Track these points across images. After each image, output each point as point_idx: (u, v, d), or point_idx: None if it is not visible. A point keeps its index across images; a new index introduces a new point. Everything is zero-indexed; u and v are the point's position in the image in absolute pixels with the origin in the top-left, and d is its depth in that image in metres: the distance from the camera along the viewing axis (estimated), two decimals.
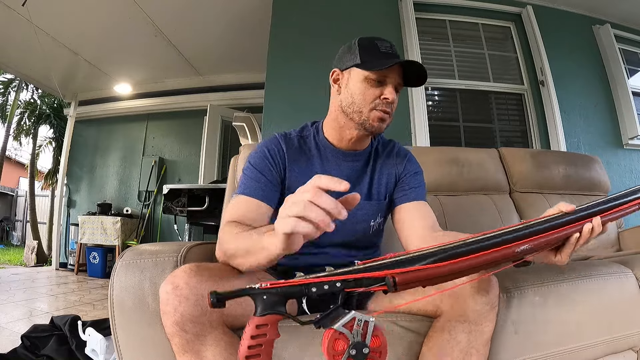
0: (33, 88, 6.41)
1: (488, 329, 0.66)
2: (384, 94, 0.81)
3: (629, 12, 2.69)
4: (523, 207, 1.63)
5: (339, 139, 0.89)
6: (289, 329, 0.70)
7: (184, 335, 0.59)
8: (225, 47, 3.49)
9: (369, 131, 0.84)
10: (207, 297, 0.54)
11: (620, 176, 2.36)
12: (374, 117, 0.82)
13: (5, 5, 2.78)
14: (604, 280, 0.89)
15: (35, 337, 1.54)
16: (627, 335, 0.88)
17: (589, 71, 2.55)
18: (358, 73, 0.83)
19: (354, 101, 0.83)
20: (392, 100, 0.81)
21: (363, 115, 0.82)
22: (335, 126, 0.88)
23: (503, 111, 2.48)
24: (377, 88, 0.82)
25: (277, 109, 2.15)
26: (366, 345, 0.44)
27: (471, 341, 0.65)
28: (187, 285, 0.59)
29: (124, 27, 3.13)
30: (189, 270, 0.61)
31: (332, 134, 0.90)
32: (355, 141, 0.88)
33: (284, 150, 0.87)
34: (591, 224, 0.55)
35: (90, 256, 4.03)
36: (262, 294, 0.44)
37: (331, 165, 0.89)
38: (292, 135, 0.91)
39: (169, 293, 0.59)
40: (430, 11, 2.47)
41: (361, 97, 0.82)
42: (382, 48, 0.83)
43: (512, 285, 0.80)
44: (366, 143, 0.92)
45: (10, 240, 9.01)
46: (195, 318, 0.59)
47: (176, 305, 0.58)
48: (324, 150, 0.90)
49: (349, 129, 0.86)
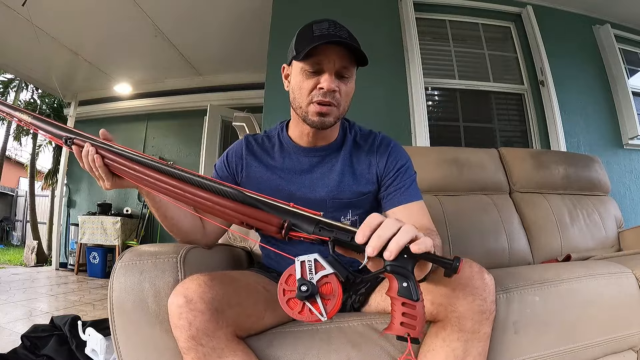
0: (33, 88, 6.42)
1: (485, 336, 0.64)
2: (320, 83, 0.74)
3: (629, 12, 2.68)
4: (523, 207, 1.63)
5: (299, 135, 0.86)
6: (289, 334, 0.70)
7: (200, 349, 0.58)
8: (225, 47, 3.49)
9: (312, 127, 0.79)
10: (221, 311, 0.60)
11: (620, 176, 2.36)
12: (312, 111, 0.76)
13: (5, 5, 2.78)
14: (604, 280, 0.89)
15: (35, 337, 1.54)
16: (627, 335, 0.88)
17: (589, 71, 2.55)
18: (296, 65, 0.77)
19: (295, 96, 0.80)
20: (328, 89, 0.73)
21: (303, 110, 0.78)
22: (293, 123, 0.87)
23: (503, 111, 2.48)
24: (313, 78, 0.75)
25: (277, 109, 2.15)
26: (310, 282, 0.47)
27: (467, 349, 0.62)
28: (201, 300, 0.58)
29: (124, 27, 3.12)
30: (202, 283, 0.60)
31: (293, 131, 0.88)
32: (313, 136, 0.84)
33: (242, 150, 0.90)
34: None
35: (90, 256, 4.03)
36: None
37: (292, 159, 0.87)
38: (258, 135, 0.94)
39: (182, 307, 0.58)
40: (430, 11, 2.47)
41: (299, 91, 0.78)
42: (317, 31, 0.74)
43: (512, 285, 0.80)
44: (331, 137, 0.87)
45: (10, 240, 9.01)
46: (212, 332, 0.58)
47: (191, 320, 0.57)
48: (287, 147, 0.89)
49: (302, 124, 0.83)
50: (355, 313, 0.77)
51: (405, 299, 0.47)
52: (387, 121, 2.18)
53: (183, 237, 0.80)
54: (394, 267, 0.48)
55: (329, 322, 0.71)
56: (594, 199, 1.74)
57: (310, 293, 0.46)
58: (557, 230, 1.57)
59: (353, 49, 0.73)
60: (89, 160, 0.64)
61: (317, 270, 0.48)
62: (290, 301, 0.48)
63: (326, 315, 0.47)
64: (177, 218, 0.77)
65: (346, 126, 0.92)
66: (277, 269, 0.91)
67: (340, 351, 0.67)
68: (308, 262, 0.49)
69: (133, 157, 0.64)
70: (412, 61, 2.21)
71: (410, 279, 0.48)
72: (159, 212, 0.75)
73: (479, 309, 0.61)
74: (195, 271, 0.68)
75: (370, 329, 0.70)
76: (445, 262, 0.49)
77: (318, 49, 0.72)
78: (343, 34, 0.74)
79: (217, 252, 0.94)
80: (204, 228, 0.83)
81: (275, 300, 0.72)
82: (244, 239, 1.18)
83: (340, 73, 0.75)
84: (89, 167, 0.65)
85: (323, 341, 0.68)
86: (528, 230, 1.57)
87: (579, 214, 1.64)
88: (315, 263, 0.49)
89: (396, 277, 0.48)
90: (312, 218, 0.54)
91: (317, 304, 0.47)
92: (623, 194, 2.32)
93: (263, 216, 0.55)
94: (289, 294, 0.48)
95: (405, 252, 0.48)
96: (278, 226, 0.54)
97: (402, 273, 0.48)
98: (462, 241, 1.42)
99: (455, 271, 0.48)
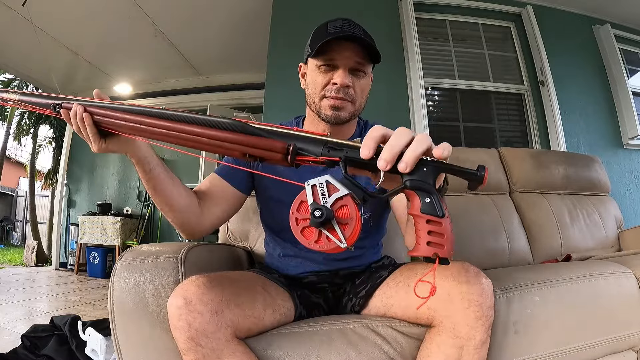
0: (33, 88, 6.41)
1: (481, 343, 0.61)
2: (333, 78, 0.75)
3: (629, 12, 2.69)
4: (523, 207, 1.63)
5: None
6: (288, 336, 0.70)
7: (200, 350, 0.58)
8: (225, 47, 3.49)
9: (327, 122, 0.80)
10: (220, 312, 0.59)
11: (620, 176, 2.36)
12: (325, 105, 0.78)
13: (5, 5, 2.78)
14: (604, 280, 0.89)
15: (35, 337, 1.54)
16: (627, 335, 0.88)
17: (589, 71, 2.55)
18: (311, 63, 0.79)
19: (309, 92, 0.81)
20: (341, 84, 0.75)
21: (316, 105, 0.79)
22: (308, 120, 0.87)
23: (503, 111, 2.48)
24: (327, 74, 0.76)
25: (277, 109, 2.15)
26: (324, 207, 0.42)
27: (462, 356, 0.61)
28: (200, 301, 0.58)
29: (124, 27, 3.12)
30: (202, 284, 0.60)
31: (309, 128, 0.87)
32: (330, 133, 0.84)
33: None
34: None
35: (90, 256, 4.03)
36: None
37: None
38: None
39: (181, 308, 0.58)
40: (430, 11, 2.47)
41: (313, 87, 0.79)
42: (331, 28, 0.74)
43: (512, 285, 0.80)
44: (346, 135, 0.86)
45: (10, 240, 9.01)
46: (211, 334, 0.58)
47: (190, 322, 0.57)
48: None
49: (318, 121, 0.83)
50: (355, 315, 0.77)
51: (430, 215, 0.42)
52: (387, 121, 2.13)
53: (174, 216, 0.76)
54: (414, 182, 0.43)
55: (329, 324, 0.71)
56: (594, 199, 1.74)
57: (326, 218, 0.41)
58: (557, 230, 1.57)
59: (367, 45, 0.73)
60: (77, 121, 0.61)
61: (331, 193, 0.43)
62: (305, 230, 0.44)
63: (345, 242, 0.42)
64: (169, 194, 0.73)
65: (362, 125, 0.92)
66: (280, 269, 0.90)
67: (340, 352, 0.66)
68: (320, 185, 0.44)
69: (124, 107, 0.60)
70: (412, 61, 2.22)
71: (433, 194, 0.43)
72: (150, 184, 0.71)
73: (475, 314, 0.60)
74: (196, 271, 0.69)
75: (371, 331, 0.70)
76: (469, 173, 0.45)
77: (332, 46, 0.72)
78: (357, 31, 0.74)
79: (217, 251, 0.94)
80: (201, 212, 0.79)
81: (275, 301, 0.73)
82: (244, 239, 1.18)
83: (354, 69, 0.76)
84: (77, 128, 0.62)
85: (323, 342, 0.68)
86: (528, 230, 1.57)
87: (579, 214, 1.64)
88: (327, 185, 0.44)
89: (417, 192, 0.43)
90: (319, 139, 0.49)
91: (334, 230, 0.42)
92: (623, 194, 2.32)
93: (265, 143, 0.50)
94: (302, 223, 0.44)
95: (422, 164, 0.44)
96: (283, 151, 0.49)
97: (424, 188, 0.43)
98: (462, 241, 1.42)
99: (480, 181, 0.45)
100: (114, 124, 0.60)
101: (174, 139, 0.56)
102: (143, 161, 0.69)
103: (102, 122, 0.61)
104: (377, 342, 0.68)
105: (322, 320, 0.73)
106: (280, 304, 0.73)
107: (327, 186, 0.44)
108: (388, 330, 0.70)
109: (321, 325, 0.71)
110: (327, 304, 0.87)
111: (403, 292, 0.70)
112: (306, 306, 0.80)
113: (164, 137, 0.57)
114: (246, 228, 1.17)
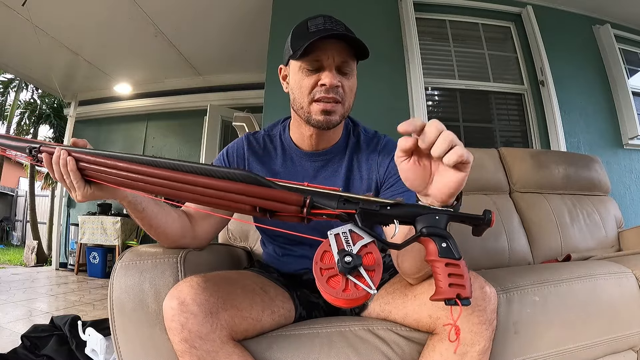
0: (33, 88, 6.42)
1: (484, 349, 0.61)
2: (321, 79, 0.71)
3: (629, 12, 2.68)
4: (523, 207, 1.63)
5: (300, 138, 0.82)
6: (289, 338, 0.70)
7: (194, 352, 0.57)
8: (225, 47, 3.49)
9: (317, 127, 0.75)
10: (214, 313, 0.57)
11: (620, 176, 2.36)
12: (316, 110, 0.73)
13: (5, 5, 2.78)
14: (604, 280, 0.89)
15: (35, 337, 1.54)
16: (627, 335, 0.88)
17: (589, 71, 2.55)
18: (294, 65, 0.74)
19: (295, 97, 0.76)
20: (330, 85, 0.70)
21: (305, 110, 0.74)
22: (295, 125, 0.83)
23: (503, 111, 2.48)
24: (313, 75, 0.71)
25: (277, 109, 2.15)
26: (355, 254, 0.42)
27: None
28: (194, 302, 0.57)
29: (124, 27, 3.12)
30: (196, 285, 0.59)
31: (295, 133, 0.84)
32: (316, 139, 0.80)
33: (244, 149, 0.85)
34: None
35: (90, 256, 4.03)
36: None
37: (295, 164, 0.84)
38: (259, 135, 0.88)
39: (175, 309, 0.57)
40: (430, 11, 2.47)
41: (299, 91, 0.74)
42: (312, 27, 0.70)
43: (512, 285, 0.80)
44: (334, 139, 0.83)
45: (10, 240, 9.01)
46: (205, 335, 0.57)
47: (183, 322, 0.56)
48: (289, 150, 0.85)
49: (304, 126, 0.79)
50: (356, 317, 0.77)
51: (448, 259, 0.44)
52: (386, 121, 2.17)
53: (171, 243, 0.76)
54: (430, 229, 0.45)
55: (330, 326, 0.71)
56: (594, 199, 1.74)
57: (354, 265, 0.42)
58: (557, 230, 1.57)
59: (352, 43, 0.70)
60: (59, 166, 0.58)
61: (355, 241, 0.44)
62: (331, 280, 0.43)
63: (375, 288, 0.42)
64: (163, 225, 0.72)
65: (350, 127, 0.88)
66: (279, 268, 0.89)
67: (340, 355, 0.66)
68: (343, 234, 0.44)
69: (113, 154, 0.56)
70: (412, 61, 2.21)
71: (448, 238, 0.45)
72: (144, 222, 0.70)
73: (478, 319, 0.59)
74: (195, 271, 0.68)
75: (372, 334, 0.69)
76: (477, 218, 0.46)
77: (315, 45, 0.68)
78: (340, 28, 0.71)
79: (217, 252, 0.94)
80: (194, 231, 0.78)
81: (274, 302, 0.72)
82: (244, 239, 1.18)
83: (340, 68, 0.72)
84: (59, 175, 0.58)
85: (324, 345, 0.67)
86: (528, 230, 1.57)
87: (579, 214, 1.64)
88: (351, 234, 0.44)
89: (433, 239, 0.45)
90: (332, 194, 0.48)
91: (362, 277, 0.42)
92: (623, 194, 2.32)
93: (280, 195, 0.47)
94: (327, 273, 0.43)
95: (435, 213, 0.46)
96: (298, 204, 0.47)
97: (440, 234, 0.45)
98: (462, 241, 1.41)
99: (488, 225, 0.46)
100: (100, 173, 0.56)
101: (174, 192, 0.52)
102: (134, 203, 0.67)
103: (87, 169, 0.58)
104: (378, 345, 0.68)
105: (322, 322, 0.73)
106: (279, 304, 0.72)
107: (351, 234, 0.44)
108: (389, 333, 0.69)
109: (322, 327, 0.71)
110: (326, 305, 0.86)
111: (400, 301, 0.69)
112: (306, 306, 0.80)
113: (160, 190, 0.53)
114: (246, 228, 1.17)
